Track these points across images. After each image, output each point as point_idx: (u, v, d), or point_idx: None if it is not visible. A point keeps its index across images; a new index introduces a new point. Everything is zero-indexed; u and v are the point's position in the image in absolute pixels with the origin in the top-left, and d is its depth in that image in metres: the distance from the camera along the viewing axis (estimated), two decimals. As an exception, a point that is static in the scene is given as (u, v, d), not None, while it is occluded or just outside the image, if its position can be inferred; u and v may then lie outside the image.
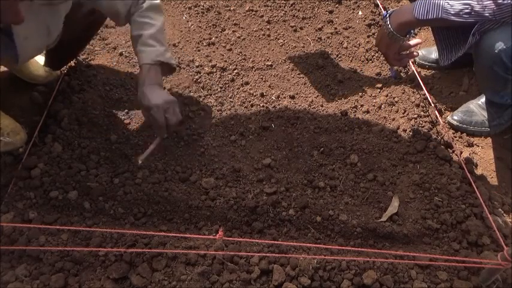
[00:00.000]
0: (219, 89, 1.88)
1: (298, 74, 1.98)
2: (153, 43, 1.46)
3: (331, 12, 2.28)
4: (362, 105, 1.84)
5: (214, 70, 1.95)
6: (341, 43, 2.12)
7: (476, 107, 1.79)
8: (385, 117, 1.79)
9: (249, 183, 1.53)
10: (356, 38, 2.14)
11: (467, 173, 1.52)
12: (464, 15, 1.35)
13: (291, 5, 2.30)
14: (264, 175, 1.55)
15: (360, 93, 1.90)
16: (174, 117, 1.44)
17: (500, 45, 1.44)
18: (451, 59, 1.64)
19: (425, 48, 2.13)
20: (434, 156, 1.62)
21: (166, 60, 1.48)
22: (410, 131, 1.72)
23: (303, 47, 2.10)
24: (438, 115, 1.74)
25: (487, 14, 1.31)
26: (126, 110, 1.74)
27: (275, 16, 2.25)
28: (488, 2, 1.29)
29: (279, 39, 2.14)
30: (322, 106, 1.84)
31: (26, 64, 1.76)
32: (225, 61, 2.00)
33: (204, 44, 2.09)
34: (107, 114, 1.70)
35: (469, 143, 1.75)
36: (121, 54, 2.00)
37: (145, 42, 1.46)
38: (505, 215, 1.50)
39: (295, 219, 1.42)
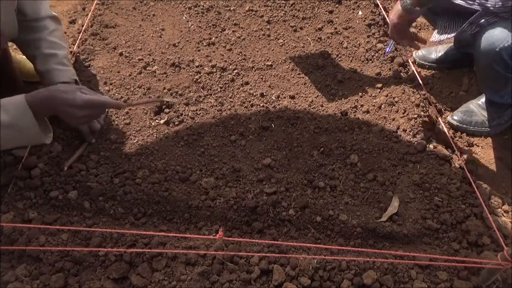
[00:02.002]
0: (219, 89, 1.88)
1: (298, 74, 1.98)
2: (68, 63, 1.64)
3: (331, 12, 2.28)
4: (362, 105, 1.84)
5: (214, 70, 1.95)
6: (341, 43, 2.12)
7: (476, 107, 1.79)
8: (385, 117, 1.79)
9: (249, 183, 1.53)
10: (356, 38, 2.14)
11: (467, 173, 1.53)
12: (469, 0, 1.46)
13: (291, 5, 2.30)
14: (264, 175, 1.55)
15: (360, 93, 1.90)
16: (96, 125, 1.61)
17: (501, 43, 1.44)
18: (441, 37, 1.72)
19: (425, 48, 2.13)
20: (434, 156, 1.62)
21: (77, 79, 1.66)
22: (410, 131, 1.72)
23: (303, 47, 2.10)
24: (438, 115, 1.74)
25: (489, 5, 1.36)
26: (126, 110, 1.74)
27: (275, 16, 2.25)
28: None
29: (279, 39, 2.14)
30: (322, 106, 1.84)
31: (22, 62, 1.77)
32: (225, 61, 2.00)
33: (204, 44, 2.09)
34: (107, 113, 1.70)
35: (469, 143, 1.75)
36: (121, 54, 2.00)
37: (61, 62, 1.61)
38: (505, 215, 1.50)
39: (295, 219, 1.42)
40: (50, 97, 1.29)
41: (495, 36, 1.46)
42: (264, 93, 1.87)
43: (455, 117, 1.80)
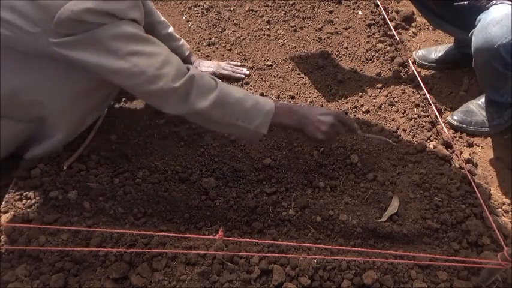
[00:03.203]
0: (219, 89, 1.88)
1: (298, 74, 1.98)
2: (179, 37, 1.85)
3: (331, 12, 2.28)
4: (362, 105, 1.84)
5: (214, 70, 1.95)
6: (341, 43, 2.12)
7: (476, 107, 1.79)
8: (385, 117, 1.79)
9: (249, 183, 1.53)
10: (356, 38, 2.14)
11: (467, 173, 1.52)
12: None
13: (291, 5, 2.30)
14: (264, 175, 1.55)
15: (360, 93, 1.90)
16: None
17: (499, 40, 1.44)
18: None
19: (425, 48, 2.14)
20: (434, 156, 1.62)
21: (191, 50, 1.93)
22: (410, 131, 1.72)
23: (303, 47, 2.10)
24: (438, 115, 1.74)
25: None
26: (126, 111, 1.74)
27: (275, 16, 2.25)
28: None
29: (279, 39, 2.14)
30: (322, 106, 1.83)
31: None
32: (225, 61, 2.00)
33: (204, 44, 2.09)
34: (107, 113, 1.70)
35: (469, 143, 1.75)
36: (121, 54, 2.00)
37: (177, 37, 1.82)
38: (505, 215, 1.50)
39: (295, 219, 1.42)
40: (300, 106, 1.45)
41: (493, 33, 1.45)
42: (264, 93, 1.87)
43: (455, 117, 1.80)
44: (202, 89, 1.28)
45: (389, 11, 2.33)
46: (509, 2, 1.48)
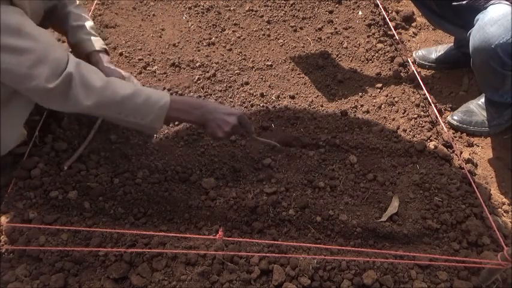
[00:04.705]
0: (219, 89, 1.87)
1: (298, 74, 1.98)
2: (95, 33, 1.62)
3: (331, 12, 2.28)
4: (362, 105, 1.84)
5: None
6: (341, 43, 2.12)
7: (476, 107, 1.79)
8: (385, 117, 1.79)
9: (249, 183, 1.53)
10: (356, 38, 2.14)
11: (467, 173, 1.52)
12: None
13: (291, 5, 2.30)
14: (264, 175, 1.55)
15: (360, 93, 1.90)
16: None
17: (496, 40, 1.44)
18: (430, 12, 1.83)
19: (425, 48, 2.14)
20: (434, 156, 1.62)
21: (107, 48, 1.65)
22: (410, 131, 1.72)
23: (303, 47, 2.10)
24: (438, 115, 1.74)
25: None
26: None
27: (275, 16, 2.25)
28: None
29: (279, 39, 2.14)
30: (322, 106, 1.84)
31: None
32: (225, 61, 2.00)
33: (204, 44, 2.09)
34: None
35: (469, 143, 1.75)
36: (121, 54, 2.00)
37: (89, 32, 1.60)
38: (505, 215, 1.50)
39: (295, 219, 1.42)
40: (204, 101, 1.35)
41: (490, 33, 1.45)
42: (264, 93, 1.87)
43: (455, 117, 1.80)
44: (83, 87, 1.21)
45: (389, 11, 2.33)
46: (507, 2, 1.48)
